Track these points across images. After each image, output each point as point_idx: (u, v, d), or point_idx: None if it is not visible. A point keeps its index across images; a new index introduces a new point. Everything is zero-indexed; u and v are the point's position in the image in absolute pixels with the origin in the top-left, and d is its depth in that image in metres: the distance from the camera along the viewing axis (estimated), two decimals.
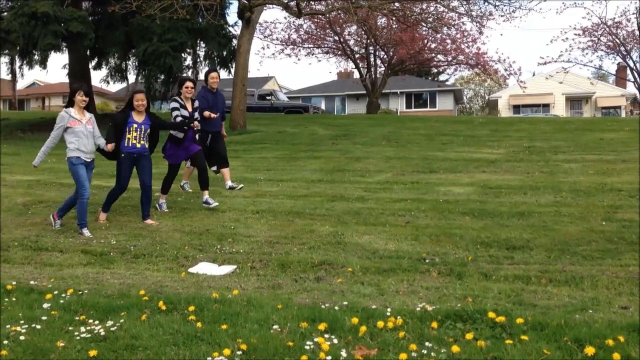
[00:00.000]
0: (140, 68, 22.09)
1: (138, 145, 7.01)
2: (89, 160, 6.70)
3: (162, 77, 21.05)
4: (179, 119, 7.64)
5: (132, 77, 25.95)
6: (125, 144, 6.97)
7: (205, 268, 5.26)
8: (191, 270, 5.24)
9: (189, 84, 7.77)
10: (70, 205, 6.88)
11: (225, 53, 21.39)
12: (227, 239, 6.24)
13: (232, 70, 20.01)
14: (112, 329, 3.59)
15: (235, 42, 20.45)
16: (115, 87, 48.13)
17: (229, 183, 8.60)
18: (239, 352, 3.19)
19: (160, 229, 6.71)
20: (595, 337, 3.22)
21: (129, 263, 5.53)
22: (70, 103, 6.71)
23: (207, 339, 3.40)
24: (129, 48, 21.33)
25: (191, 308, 3.87)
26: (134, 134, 6.99)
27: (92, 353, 3.20)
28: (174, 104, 7.76)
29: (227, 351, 3.16)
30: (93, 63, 22.42)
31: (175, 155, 7.71)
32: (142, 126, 7.04)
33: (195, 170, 7.97)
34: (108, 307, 3.97)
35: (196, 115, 7.79)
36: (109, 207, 7.26)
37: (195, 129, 7.56)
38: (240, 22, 18.29)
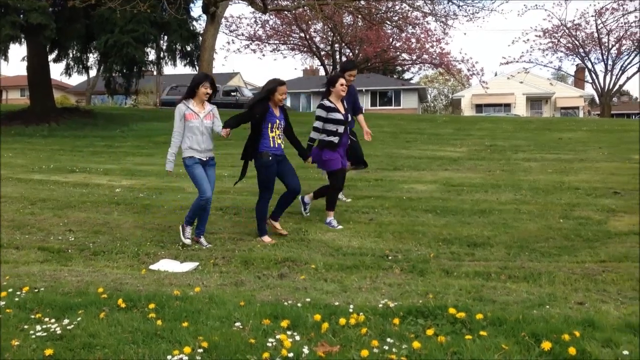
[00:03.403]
0: (101, 60, 21.65)
1: (282, 146, 6.07)
2: (205, 158, 5.85)
3: (124, 70, 20.70)
4: (314, 135, 6.52)
5: (93, 72, 25.49)
6: (271, 144, 5.91)
7: (166, 265, 5.19)
8: (152, 267, 5.16)
9: (343, 80, 6.60)
10: (196, 209, 5.91)
11: (189, 48, 21.14)
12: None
13: (197, 66, 19.79)
14: (68, 327, 3.50)
15: (199, 37, 20.22)
16: (75, 80, 47.19)
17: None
18: (200, 350, 3.15)
19: (121, 226, 6.59)
20: (552, 332, 3.29)
21: (87, 260, 5.42)
22: (190, 94, 5.89)
23: (167, 337, 3.35)
24: (90, 40, 20.89)
25: (151, 305, 3.81)
26: (277, 132, 5.98)
27: (48, 352, 3.13)
28: (320, 112, 6.51)
29: (187, 349, 3.12)
30: (53, 56, 21.88)
31: (336, 160, 6.59)
32: (282, 122, 6.06)
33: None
34: (65, 305, 3.87)
35: (350, 117, 6.76)
36: (264, 222, 6.15)
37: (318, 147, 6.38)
38: (204, 17, 18.11)
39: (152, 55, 21.72)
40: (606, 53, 33.93)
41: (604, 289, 4.41)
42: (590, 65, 35.34)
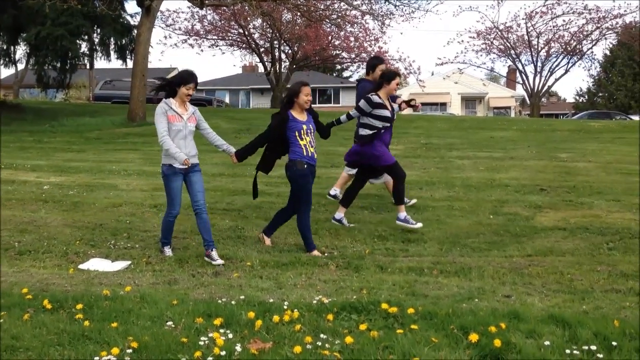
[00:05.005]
0: (32, 53, 20.80)
1: (316, 155, 5.61)
2: (185, 166, 5.25)
3: (57, 63, 19.95)
4: (343, 118, 6.37)
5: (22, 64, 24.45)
6: (304, 153, 5.44)
7: (97, 264, 5.04)
8: (81, 266, 5.00)
9: (399, 80, 6.27)
10: (166, 228, 5.45)
11: (124, 42, 20.58)
12: (122, 234, 6.02)
13: (132, 60, 19.27)
14: None
15: (134, 30, 19.72)
16: (2, 73, 45.08)
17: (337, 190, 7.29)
18: (129, 351, 3.08)
19: (49, 224, 6.35)
20: (480, 324, 3.40)
21: (12, 260, 5.19)
22: (171, 93, 5.34)
23: (95, 338, 3.26)
24: (18, 32, 20.01)
25: (79, 306, 3.69)
26: (307, 138, 5.47)
27: None
28: (364, 105, 6.12)
29: (115, 350, 3.04)
30: None
31: (388, 153, 6.22)
32: (310, 126, 5.55)
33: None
34: None
35: (395, 112, 6.40)
36: (310, 234, 5.60)
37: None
38: (140, 11, 17.66)
39: (84, 48, 21.07)
40: (536, 55, 35.28)
41: (529, 282, 4.59)
42: (521, 67, 36.67)
